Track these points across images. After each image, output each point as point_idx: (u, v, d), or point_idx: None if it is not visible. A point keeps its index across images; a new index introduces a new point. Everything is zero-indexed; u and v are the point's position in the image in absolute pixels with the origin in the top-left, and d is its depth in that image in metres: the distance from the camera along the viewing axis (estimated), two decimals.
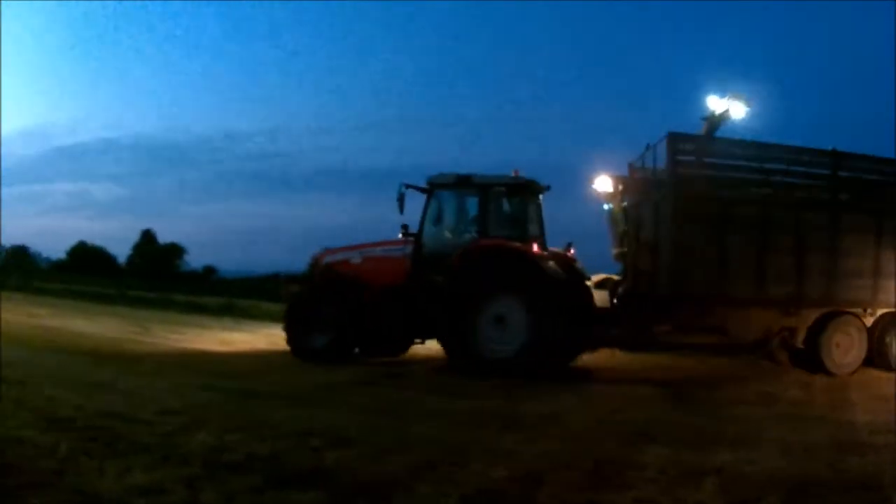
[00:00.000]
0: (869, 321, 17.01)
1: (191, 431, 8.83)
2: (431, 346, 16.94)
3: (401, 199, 16.73)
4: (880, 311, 16.95)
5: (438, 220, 17.07)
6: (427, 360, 16.98)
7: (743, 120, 18.75)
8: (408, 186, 16.90)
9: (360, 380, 14.11)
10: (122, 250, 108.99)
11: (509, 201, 17.30)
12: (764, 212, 16.29)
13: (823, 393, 14.25)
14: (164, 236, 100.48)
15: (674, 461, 8.17)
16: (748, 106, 18.59)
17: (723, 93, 18.87)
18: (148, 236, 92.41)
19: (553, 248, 17.39)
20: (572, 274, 16.90)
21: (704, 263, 16.13)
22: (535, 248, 16.13)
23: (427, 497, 6.72)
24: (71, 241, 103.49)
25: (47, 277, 66.46)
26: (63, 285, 49.84)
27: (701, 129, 18.63)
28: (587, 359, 17.79)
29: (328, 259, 18.21)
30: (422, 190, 17.14)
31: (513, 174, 17.24)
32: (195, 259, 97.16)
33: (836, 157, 16.88)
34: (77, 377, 12.98)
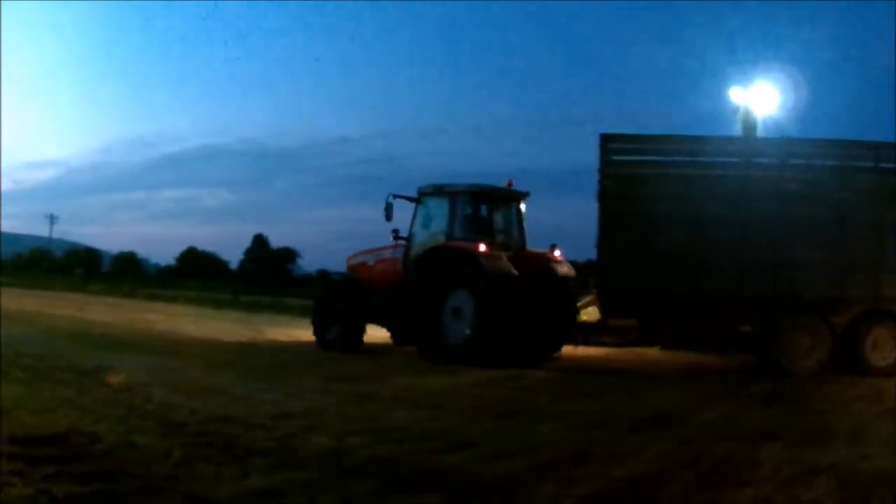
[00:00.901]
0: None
1: (309, 435, 8.85)
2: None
3: (388, 208, 19.41)
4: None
5: (423, 225, 19.56)
6: (549, 363, 17.22)
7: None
8: (395, 196, 19.56)
9: (480, 382, 14.13)
10: (233, 255, 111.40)
11: (478, 207, 19.47)
12: (702, 208, 17.00)
13: None
14: (276, 241, 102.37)
15: (789, 459, 8.27)
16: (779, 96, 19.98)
17: (746, 83, 20.26)
18: (260, 241, 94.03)
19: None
20: (541, 273, 18.49)
21: (635, 263, 17.39)
22: (483, 248, 17.67)
23: (547, 498, 6.70)
24: (181, 248, 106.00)
25: (158, 283, 68.07)
26: (174, 291, 50.92)
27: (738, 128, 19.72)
28: (702, 356, 18.43)
29: (351, 262, 21.28)
30: (410, 199, 19.70)
31: (506, 184, 19.78)
32: (309, 263, 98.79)
33: (785, 144, 17.84)
34: (190, 381, 13.13)
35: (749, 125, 19.53)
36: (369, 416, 10.34)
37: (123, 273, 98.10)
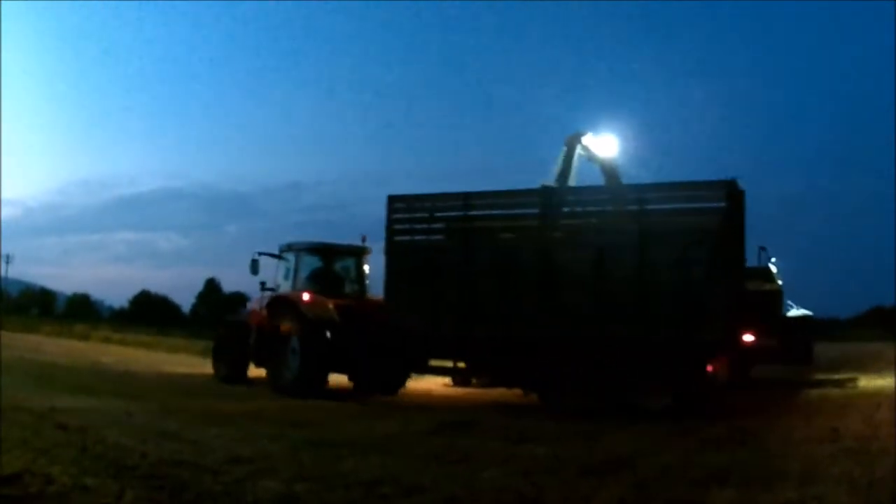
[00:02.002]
0: None
1: (259, 480, 8.85)
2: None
3: (253, 264, 22.60)
4: None
5: (283, 276, 22.61)
6: (498, 406, 17.35)
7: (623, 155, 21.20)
8: (261, 253, 22.81)
9: (430, 429, 14.12)
10: (185, 299, 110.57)
11: (319, 261, 22.58)
12: (472, 257, 18.32)
13: (886, 426, 14.07)
14: (228, 285, 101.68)
15: (743, 501, 8.32)
16: (618, 143, 21.29)
17: (595, 130, 21.41)
18: (212, 285, 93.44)
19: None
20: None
21: (412, 306, 18.88)
22: (307, 297, 20.60)
23: None
24: (134, 290, 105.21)
25: (113, 325, 67.33)
26: (128, 334, 50.50)
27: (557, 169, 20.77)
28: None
29: (248, 307, 24.74)
30: (272, 255, 22.87)
31: (361, 239, 22.96)
32: None
33: (547, 195, 18.36)
34: (142, 425, 13.11)
35: (566, 169, 20.76)
36: (319, 463, 10.31)
37: (78, 315, 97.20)
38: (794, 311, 24.36)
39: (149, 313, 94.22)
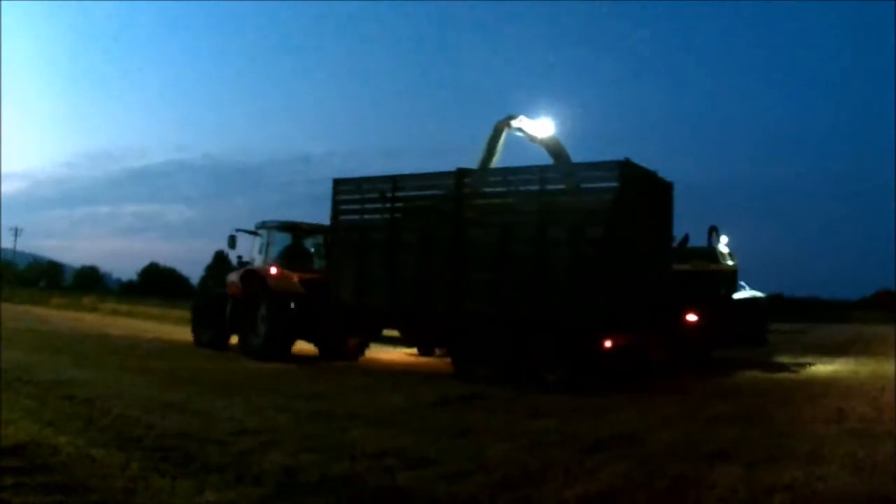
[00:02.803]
0: None
1: (265, 452, 8.86)
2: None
3: (231, 239, 24.49)
4: None
5: (257, 251, 24.20)
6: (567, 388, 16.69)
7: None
8: (238, 230, 24.62)
9: (437, 402, 14.07)
10: (194, 272, 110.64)
11: (288, 238, 23.98)
12: (391, 234, 19.77)
13: (891, 409, 14.23)
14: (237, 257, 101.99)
15: (746, 479, 8.25)
16: (553, 125, 21.62)
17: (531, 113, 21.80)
18: (220, 257, 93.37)
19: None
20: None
21: (348, 281, 20.42)
22: (274, 270, 22.35)
23: None
24: (143, 263, 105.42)
25: (120, 298, 67.58)
26: (134, 306, 50.61)
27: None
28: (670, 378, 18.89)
29: (227, 279, 25.17)
30: (249, 232, 24.56)
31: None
32: None
33: (461, 175, 18.98)
34: (149, 397, 13.08)
35: (490, 151, 21.48)
36: (325, 434, 10.30)
37: (86, 287, 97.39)
38: (745, 293, 24.34)
39: (157, 285, 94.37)
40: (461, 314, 18.22)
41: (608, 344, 16.71)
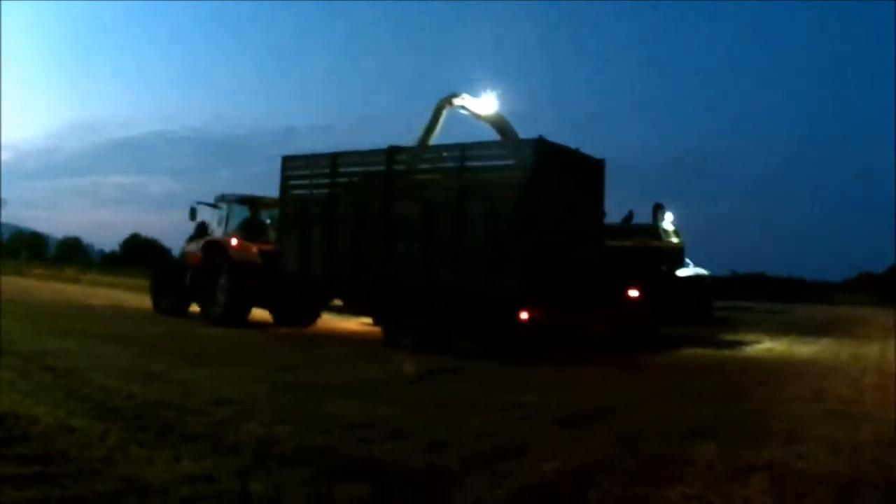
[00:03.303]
0: None
1: (243, 422, 8.93)
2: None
3: (192, 211, 26.37)
4: None
5: (217, 223, 25.56)
6: (485, 357, 17.00)
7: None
8: (199, 203, 26.37)
9: (417, 375, 14.03)
10: (176, 243, 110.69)
11: (247, 211, 24.99)
12: (333, 209, 20.85)
13: (872, 390, 14.42)
14: None
15: (724, 457, 8.29)
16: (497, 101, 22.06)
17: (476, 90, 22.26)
18: (203, 229, 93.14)
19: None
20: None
21: (294, 252, 21.75)
22: (235, 242, 23.58)
23: (478, 490, 6.77)
24: (125, 234, 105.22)
25: (102, 269, 67.37)
26: (116, 277, 50.51)
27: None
28: (647, 354, 19.33)
29: (184, 249, 26.87)
30: (208, 204, 26.13)
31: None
32: None
33: (391, 152, 19.92)
34: (129, 367, 13.15)
35: (430, 128, 22.22)
36: (302, 406, 10.38)
37: (68, 258, 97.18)
38: (688, 270, 24.76)
39: (139, 256, 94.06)
40: (389, 285, 19.23)
41: (524, 316, 17.16)
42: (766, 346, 23.24)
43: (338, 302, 23.99)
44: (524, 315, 17.13)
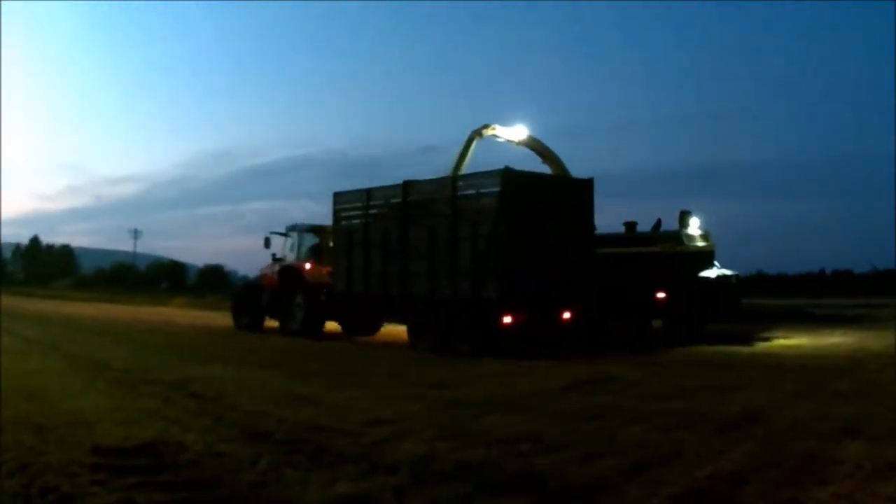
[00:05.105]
0: None
1: (398, 441, 8.96)
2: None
3: (266, 241, 30.80)
4: None
5: (289, 250, 29.97)
6: (637, 365, 17.67)
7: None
8: (272, 232, 30.93)
9: (567, 386, 14.30)
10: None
11: (315, 239, 29.07)
12: (366, 235, 24.63)
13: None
14: None
15: (872, 456, 8.29)
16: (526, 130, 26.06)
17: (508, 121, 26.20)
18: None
19: None
20: None
21: (342, 275, 25.69)
22: (309, 266, 28.06)
23: (635, 498, 6.83)
24: (268, 260, 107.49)
25: None
26: None
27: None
28: (797, 355, 19.98)
29: (261, 272, 31.69)
30: (280, 234, 30.53)
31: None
32: None
33: (406, 186, 23.47)
34: (278, 391, 13.35)
35: (461, 158, 25.49)
36: (458, 422, 10.43)
37: (210, 286, 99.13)
38: (713, 272, 25.88)
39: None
40: (408, 298, 23.05)
41: (507, 320, 20.46)
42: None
43: None
44: (506, 319, 20.44)
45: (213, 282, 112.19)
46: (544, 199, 21.90)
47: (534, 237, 21.13)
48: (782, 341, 24.27)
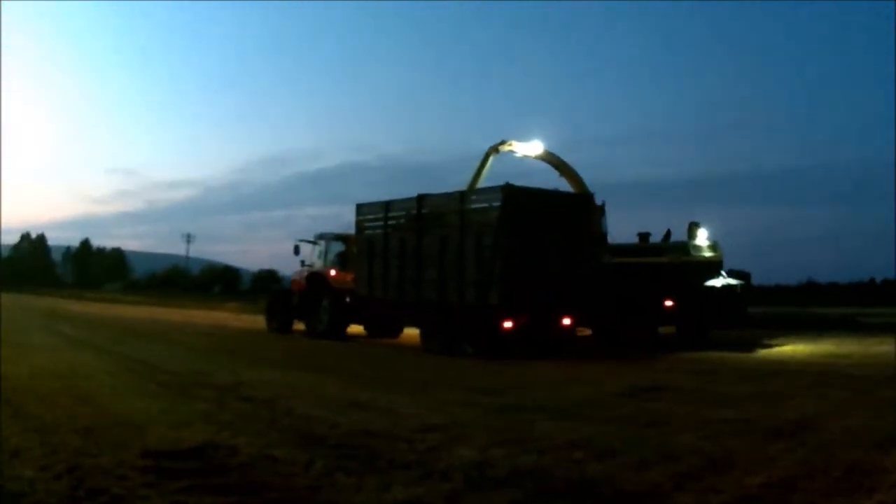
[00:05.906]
0: None
1: (452, 447, 8.99)
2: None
3: (296, 248, 33.25)
4: None
5: (317, 257, 32.18)
6: (689, 372, 17.94)
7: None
8: (300, 240, 33.21)
9: (621, 392, 14.36)
10: None
11: (341, 246, 31.06)
12: (385, 245, 26.37)
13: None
14: None
15: None
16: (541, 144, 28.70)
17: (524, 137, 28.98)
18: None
19: None
20: None
21: (364, 281, 27.46)
22: (334, 272, 30.34)
23: None
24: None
25: None
26: None
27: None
28: (845, 364, 20.01)
29: (292, 277, 34.25)
30: (309, 241, 32.81)
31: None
32: None
33: (419, 199, 25.14)
34: (332, 396, 13.44)
35: (478, 172, 28.45)
36: (513, 428, 10.44)
37: (262, 291, 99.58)
38: (718, 281, 26.63)
39: None
40: (420, 303, 24.72)
41: (508, 325, 22.07)
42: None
43: None
44: (507, 324, 22.03)
45: (266, 287, 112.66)
46: (544, 213, 23.51)
47: (533, 248, 22.74)
48: (829, 348, 24.38)
